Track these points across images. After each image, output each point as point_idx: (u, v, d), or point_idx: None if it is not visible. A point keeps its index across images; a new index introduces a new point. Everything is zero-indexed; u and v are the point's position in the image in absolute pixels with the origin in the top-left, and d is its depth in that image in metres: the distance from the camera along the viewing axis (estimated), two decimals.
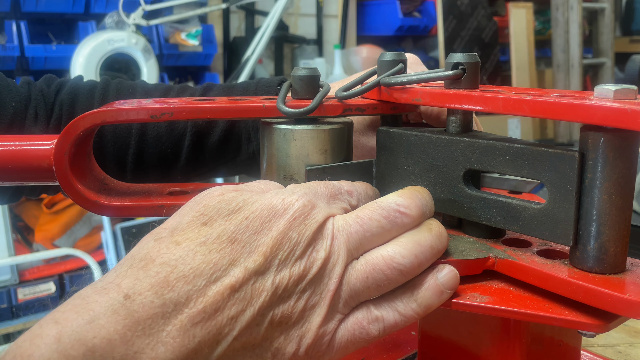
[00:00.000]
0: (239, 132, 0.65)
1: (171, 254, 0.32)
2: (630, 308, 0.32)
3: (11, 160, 0.47)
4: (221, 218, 0.34)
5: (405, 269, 0.36)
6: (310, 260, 0.34)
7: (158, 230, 0.35)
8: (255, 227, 0.34)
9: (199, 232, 0.33)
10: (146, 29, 2.33)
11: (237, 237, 0.33)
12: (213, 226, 0.34)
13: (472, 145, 0.40)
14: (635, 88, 0.34)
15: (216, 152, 0.65)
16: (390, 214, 0.36)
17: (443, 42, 3.23)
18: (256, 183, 0.39)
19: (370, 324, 0.36)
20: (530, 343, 0.41)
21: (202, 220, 0.34)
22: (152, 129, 0.64)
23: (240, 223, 0.34)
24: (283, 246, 0.34)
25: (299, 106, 0.43)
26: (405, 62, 0.46)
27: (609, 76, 3.95)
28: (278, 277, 0.33)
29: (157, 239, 0.34)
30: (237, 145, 0.65)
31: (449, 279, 0.37)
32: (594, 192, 0.34)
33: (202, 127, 0.64)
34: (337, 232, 0.36)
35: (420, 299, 0.37)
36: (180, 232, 0.34)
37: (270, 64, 2.97)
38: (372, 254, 0.36)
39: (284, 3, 2.31)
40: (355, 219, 0.36)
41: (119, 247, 2.26)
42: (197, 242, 0.33)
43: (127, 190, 0.51)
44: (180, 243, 0.33)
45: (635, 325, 0.75)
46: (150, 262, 0.32)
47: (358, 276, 0.35)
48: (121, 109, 0.44)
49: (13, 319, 2.15)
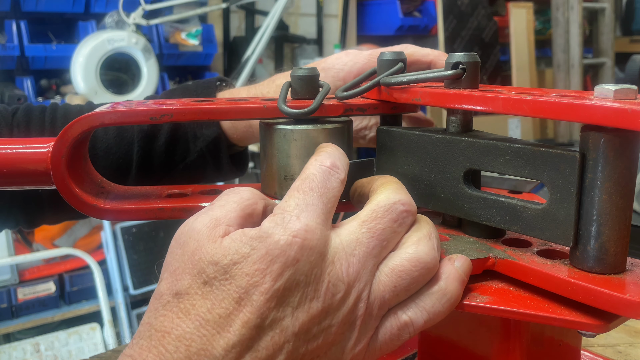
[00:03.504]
0: (185, 131, 0.65)
1: (185, 325, 0.32)
2: (630, 308, 0.32)
3: (6, 163, 0.45)
4: (220, 275, 0.32)
5: (431, 265, 0.35)
6: (328, 295, 0.33)
7: (161, 294, 0.34)
8: (257, 280, 0.32)
9: (203, 296, 0.32)
10: (146, 28, 2.33)
11: (242, 297, 0.32)
12: (214, 286, 0.32)
13: (472, 145, 0.40)
14: (635, 88, 0.34)
15: (165, 155, 0.65)
16: (399, 216, 0.36)
17: (443, 42, 3.22)
18: (232, 197, 0.36)
19: (400, 330, 0.35)
20: (530, 343, 0.41)
21: (202, 280, 0.33)
22: (101, 140, 0.64)
23: (241, 280, 0.32)
24: (291, 292, 0.32)
25: (300, 106, 0.43)
26: (405, 62, 0.46)
27: (609, 76, 3.94)
28: (297, 323, 0.32)
29: (165, 305, 0.33)
30: (184, 145, 0.65)
31: (467, 266, 0.37)
32: (595, 192, 0.34)
33: (148, 132, 0.64)
34: (350, 256, 0.34)
35: (446, 291, 0.36)
36: (185, 296, 0.33)
37: (271, 63, 2.97)
38: (394, 260, 0.35)
39: (284, 3, 2.31)
40: (367, 234, 0.35)
41: (119, 247, 2.26)
42: (204, 309, 0.32)
43: (125, 193, 0.50)
44: (189, 312, 0.32)
45: (635, 325, 0.75)
46: (167, 335, 0.32)
47: (385, 288, 0.35)
48: (120, 111, 0.44)
49: (13, 318, 2.15)
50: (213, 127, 0.67)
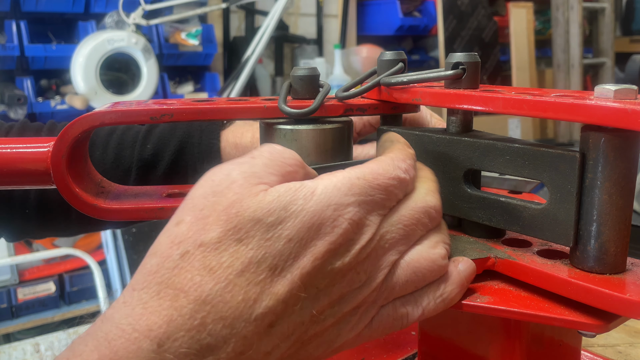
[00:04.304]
0: (185, 164, 0.63)
1: (206, 285, 0.28)
2: (630, 308, 0.32)
3: (6, 163, 0.45)
4: (259, 234, 0.29)
5: (442, 269, 0.36)
6: (350, 284, 0.32)
7: (180, 237, 0.30)
8: (297, 250, 0.30)
9: (235, 256, 0.29)
10: (146, 28, 2.33)
11: (279, 265, 0.30)
12: (250, 245, 0.29)
13: (472, 145, 0.40)
14: (635, 88, 0.34)
15: (162, 184, 0.62)
16: (431, 219, 0.36)
17: (443, 42, 3.23)
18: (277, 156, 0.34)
19: (395, 321, 0.36)
20: (530, 343, 0.41)
21: (237, 237, 0.29)
22: (98, 164, 0.62)
23: (283, 247, 0.30)
24: (323, 274, 0.31)
25: (300, 106, 0.43)
26: (405, 62, 0.46)
27: (609, 76, 3.94)
28: (316, 306, 0.31)
29: (183, 255, 0.29)
30: (183, 179, 0.63)
31: (470, 270, 0.37)
32: (595, 192, 0.34)
33: (148, 161, 0.62)
34: (381, 249, 0.33)
35: (445, 293, 0.36)
36: (213, 251, 0.29)
37: (270, 63, 2.97)
38: (411, 256, 0.35)
39: (284, 3, 2.31)
40: (400, 230, 0.34)
41: (119, 247, 2.26)
42: (235, 271, 0.29)
43: (125, 193, 0.50)
44: (214, 270, 0.29)
45: (635, 325, 0.75)
46: (182, 293, 0.28)
47: (398, 280, 0.35)
48: (120, 110, 0.44)
49: (13, 318, 2.15)
50: (214, 162, 0.63)
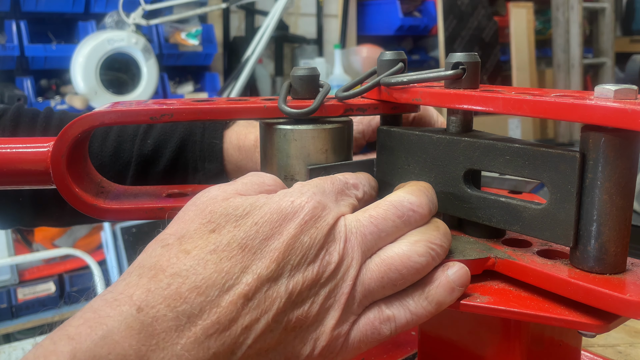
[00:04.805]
0: (185, 162, 0.63)
1: (181, 263, 0.31)
2: (630, 308, 0.32)
3: (6, 163, 0.45)
4: (229, 224, 0.33)
5: (421, 267, 0.36)
6: (323, 263, 0.34)
7: (164, 237, 0.34)
8: (266, 232, 0.33)
9: (208, 240, 0.33)
10: (146, 28, 2.33)
11: (248, 244, 0.33)
12: (222, 233, 0.33)
13: (472, 145, 0.40)
14: (635, 88, 0.34)
15: (161, 181, 0.63)
16: (404, 212, 0.36)
17: (443, 42, 3.23)
18: (256, 179, 0.38)
19: (382, 324, 0.36)
20: (530, 343, 0.41)
21: (210, 228, 0.33)
22: (96, 157, 0.62)
23: (249, 229, 0.33)
24: (295, 251, 0.33)
25: (300, 106, 0.43)
26: (405, 62, 0.46)
27: (609, 76, 3.94)
28: (292, 283, 0.33)
29: (164, 246, 0.33)
30: (182, 177, 0.63)
31: (460, 275, 0.37)
32: (595, 192, 0.34)
33: (147, 157, 0.62)
34: (350, 234, 0.35)
35: (432, 297, 0.36)
36: (189, 239, 0.33)
37: (270, 63, 2.97)
38: (387, 252, 0.36)
39: (284, 3, 2.31)
40: (369, 219, 0.36)
41: (119, 247, 2.26)
42: (207, 250, 0.32)
43: (125, 193, 0.50)
44: (189, 252, 0.32)
45: (635, 325, 0.75)
46: (161, 272, 0.31)
47: (372, 276, 0.35)
48: (120, 110, 0.44)
49: (13, 318, 2.15)
50: (215, 162, 0.64)
